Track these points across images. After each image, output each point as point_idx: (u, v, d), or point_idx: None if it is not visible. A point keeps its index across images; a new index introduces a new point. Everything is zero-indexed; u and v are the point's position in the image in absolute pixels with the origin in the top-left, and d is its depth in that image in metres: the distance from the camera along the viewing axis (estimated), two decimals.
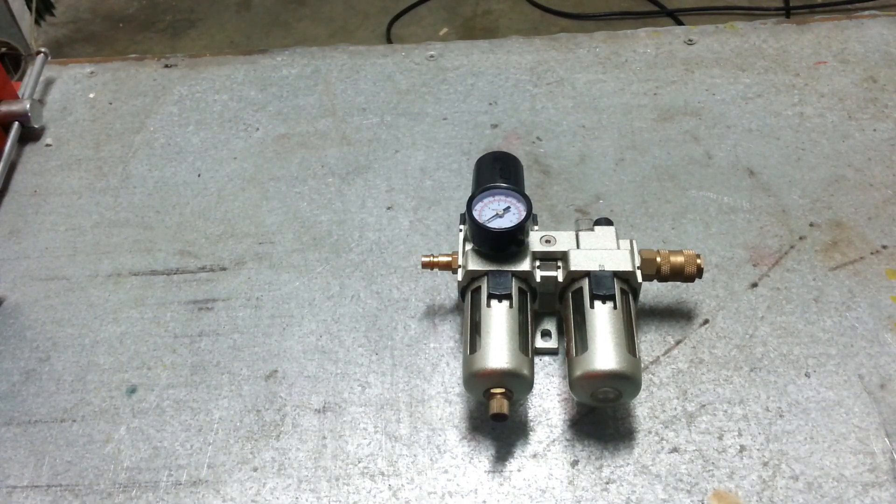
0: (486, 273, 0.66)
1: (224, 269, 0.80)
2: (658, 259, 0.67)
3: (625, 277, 0.66)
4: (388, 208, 0.84)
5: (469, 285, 0.67)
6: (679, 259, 0.68)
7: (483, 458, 0.64)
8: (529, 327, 0.65)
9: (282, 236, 0.82)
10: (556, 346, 0.70)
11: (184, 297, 0.78)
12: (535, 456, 0.64)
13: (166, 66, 1.03)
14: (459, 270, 0.67)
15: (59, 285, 0.80)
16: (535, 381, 0.64)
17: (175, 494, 0.64)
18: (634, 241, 0.67)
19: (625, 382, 0.60)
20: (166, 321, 0.76)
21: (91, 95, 1.01)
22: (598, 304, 0.63)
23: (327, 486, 0.64)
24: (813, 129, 0.88)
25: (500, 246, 0.66)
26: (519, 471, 0.63)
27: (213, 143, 0.93)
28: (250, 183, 0.88)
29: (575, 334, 0.64)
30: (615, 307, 0.63)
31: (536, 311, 0.69)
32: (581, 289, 0.65)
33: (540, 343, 0.70)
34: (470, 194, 0.68)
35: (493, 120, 0.92)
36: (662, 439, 0.64)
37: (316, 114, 0.95)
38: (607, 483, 0.62)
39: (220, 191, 0.87)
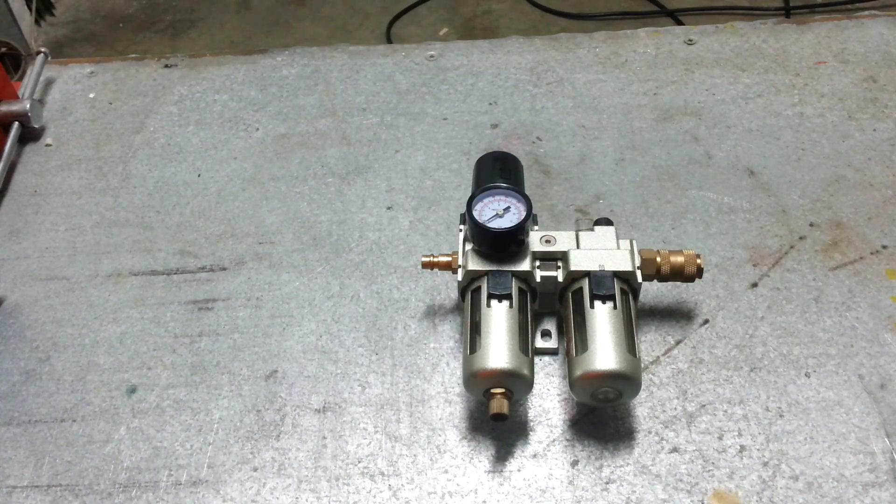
0: (486, 273, 0.66)
1: (224, 269, 0.80)
2: (658, 259, 0.67)
3: (625, 277, 0.66)
4: (388, 208, 0.84)
5: (469, 285, 0.67)
6: (679, 259, 0.68)
7: (483, 458, 0.64)
8: (529, 327, 0.65)
9: (282, 236, 0.82)
10: (556, 346, 0.70)
11: (184, 297, 0.78)
12: (535, 456, 0.64)
13: (166, 66, 1.03)
14: (459, 270, 0.67)
15: (59, 285, 0.80)
16: (535, 381, 0.64)
17: (175, 494, 0.64)
18: (634, 241, 0.67)
19: (625, 382, 0.60)
20: (166, 321, 0.76)
21: (91, 95, 1.01)
22: (598, 304, 0.63)
23: (327, 486, 0.64)
24: (813, 129, 0.88)
25: (500, 246, 0.66)
26: (519, 471, 0.63)
27: (213, 143, 0.93)
28: (250, 183, 0.88)
29: (575, 334, 0.64)
30: (615, 307, 0.63)
31: (536, 311, 0.69)
32: (581, 289, 0.65)
33: (540, 343, 0.70)
34: (470, 194, 0.68)
35: (493, 120, 0.92)
36: (662, 439, 0.64)
37: (316, 114, 0.95)
38: (607, 483, 0.62)
39: (220, 191, 0.87)
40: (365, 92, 0.97)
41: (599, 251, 0.66)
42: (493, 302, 0.64)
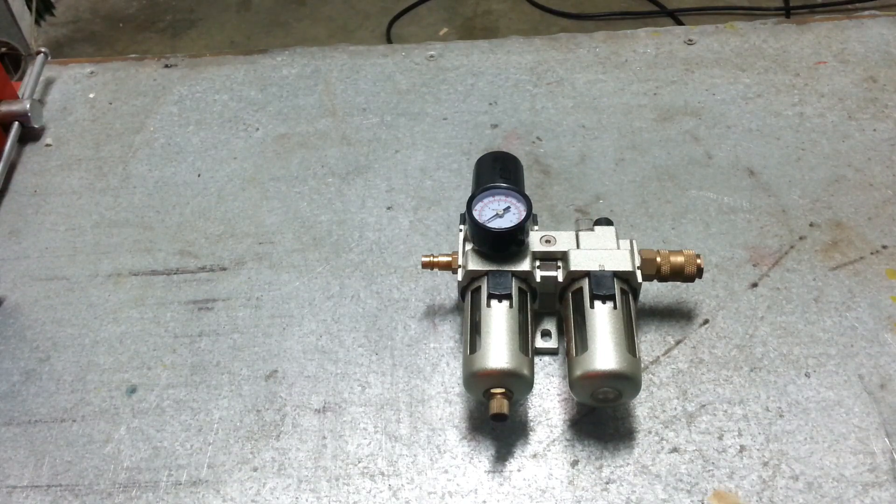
0: (486, 273, 0.66)
1: (224, 269, 0.80)
2: (658, 259, 0.67)
3: (625, 277, 0.66)
4: (388, 208, 0.84)
5: (469, 285, 0.67)
6: (679, 259, 0.68)
7: (483, 458, 0.64)
8: (529, 327, 0.65)
9: (282, 236, 0.82)
10: (556, 346, 0.70)
11: (184, 297, 0.78)
12: (535, 456, 0.64)
13: (166, 66, 1.03)
14: (459, 270, 0.67)
15: (59, 285, 0.80)
16: (535, 381, 0.64)
17: (175, 494, 0.64)
18: (634, 241, 0.67)
19: (625, 382, 0.60)
20: (166, 321, 0.76)
21: (91, 95, 1.01)
22: (598, 304, 0.63)
23: (327, 486, 0.64)
24: (813, 129, 0.88)
25: (500, 246, 0.66)
26: (519, 471, 0.63)
27: (213, 143, 0.93)
28: (250, 183, 0.88)
29: (575, 334, 0.64)
30: (615, 307, 0.63)
31: (536, 311, 0.69)
32: (581, 289, 0.65)
33: (540, 343, 0.70)
34: (470, 194, 0.68)
35: (493, 120, 0.92)
36: (662, 439, 0.64)
37: (316, 114, 0.95)
38: (607, 483, 0.62)
39: (220, 191, 0.87)
40: (365, 92, 0.97)
41: (599, 251, 0.66)
42: (493, 302, 0.64)
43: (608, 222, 0.69)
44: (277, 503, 0.63)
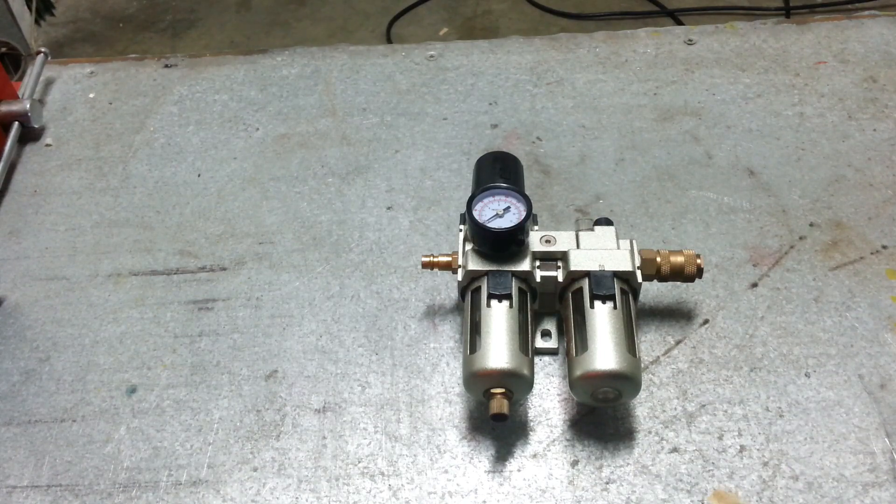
0: (486, 273, 0.66)
1: (224, 269, 0.80)
2: (658, 259, 0.67)
3: (625, 277, 0.66)
4: (388, 208, 0.84)
5: (469, 285, 0.67)
6: (679, 259, 0.68)
7: (483, 458, 0.64)
8: (529, 327, 0.65)
9: (282, 236, 0.82)
10: (556, 346, 0.70)
11: (184, 297, 0.78)
12: (535, 456, 0.64)
13: (166, 66, 1.03)
14: (459, 270, 0.67)
15: (59, 285, 0.80)
16: (535, 381, 0.64)
17: (175, 494, 0.64)
18: (634, 241, 0.67)
19: (625, 382, 0.60)
20: (166, 321, 0.76)
21: (91, 95, 1.01)
22: (598, 304, 0.63)
23: (327, 486, 0.64)
24: (813, 129, 0.88)
25: (500, 246, 0.66)
26: (519, 471, 0.63)
27: (213, 143, 0.93)
28: (250, 183, 0.88)
29: (575, 334, 0.64)
30: (615, 307, 0.63)
31: (536, 311, 0.69)
32: (581, 289, 0.65)
33: (540, 343, 0.70)
34: (470, 194, 0.68)
35: (493, 120, 0.92)
36: (662, 439, 0.64)
37: (316, 114, 0.95)
38: (607, 483, 0.62)
39: (220, 191, 0.87)
40: (365, 92, 0.97)
41: (599, 251, 0.66)
42: (493, 302, 0.64)
43: (608, 222, 0.69)
44: (277, 503, 0.63)
